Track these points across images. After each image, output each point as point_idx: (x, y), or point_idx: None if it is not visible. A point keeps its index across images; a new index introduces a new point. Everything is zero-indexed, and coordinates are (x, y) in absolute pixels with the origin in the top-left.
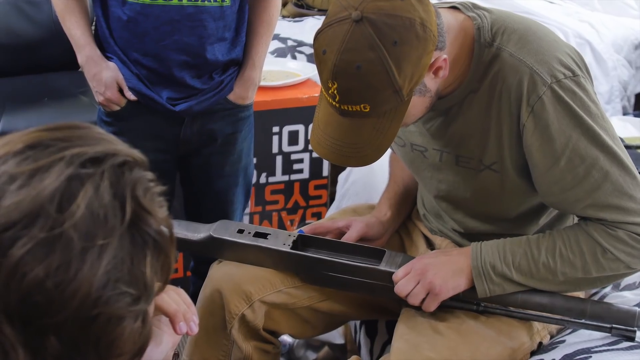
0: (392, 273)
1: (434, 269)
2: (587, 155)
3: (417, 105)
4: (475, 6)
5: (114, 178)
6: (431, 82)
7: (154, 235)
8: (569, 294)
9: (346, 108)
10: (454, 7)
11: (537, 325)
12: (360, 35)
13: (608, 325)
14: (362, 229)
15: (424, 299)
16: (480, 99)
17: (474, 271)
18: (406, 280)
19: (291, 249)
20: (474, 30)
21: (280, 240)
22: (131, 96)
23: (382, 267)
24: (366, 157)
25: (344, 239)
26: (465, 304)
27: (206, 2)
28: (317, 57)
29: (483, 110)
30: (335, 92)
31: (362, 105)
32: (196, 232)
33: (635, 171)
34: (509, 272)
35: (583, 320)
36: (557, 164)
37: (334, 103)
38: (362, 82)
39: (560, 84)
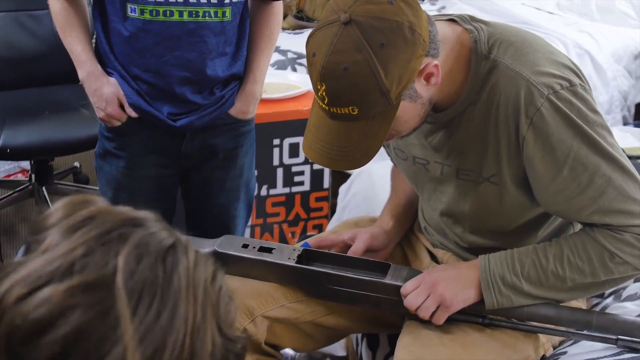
0: (398, 286)
1: (444, 282)
2: (589, 162)
3: (409, 111)
4: (473, 19)
5: (216, 313)
6: (423, 89)
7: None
8: (575, 305)
9: (335, 110)
10: (451, 20)
11: (542, 338)
12: (347, 37)
13: (614, 337)
14: (367, 240)
15: (433, 312)
16: (478, 111)
17: (483, 283)
18: (416, 293)
19: (296, 263)
20: (471, 42)
21: (285, 255)
22: (132, 113)
23: (388, 280)
24: (355, 161)
25: (351, 252)
26: (471, 317)
27: (207, 18)
28: (308, 60)
29: (481, 122)
30: (323, 94)
31: (350, 108)
32: (200, 247)
33: (637, 175)
34: (519, 282)
35: (588, 332)
36: (560, 173)
37: (323, 106)
38: (349, 83)
39: (557, 94)
